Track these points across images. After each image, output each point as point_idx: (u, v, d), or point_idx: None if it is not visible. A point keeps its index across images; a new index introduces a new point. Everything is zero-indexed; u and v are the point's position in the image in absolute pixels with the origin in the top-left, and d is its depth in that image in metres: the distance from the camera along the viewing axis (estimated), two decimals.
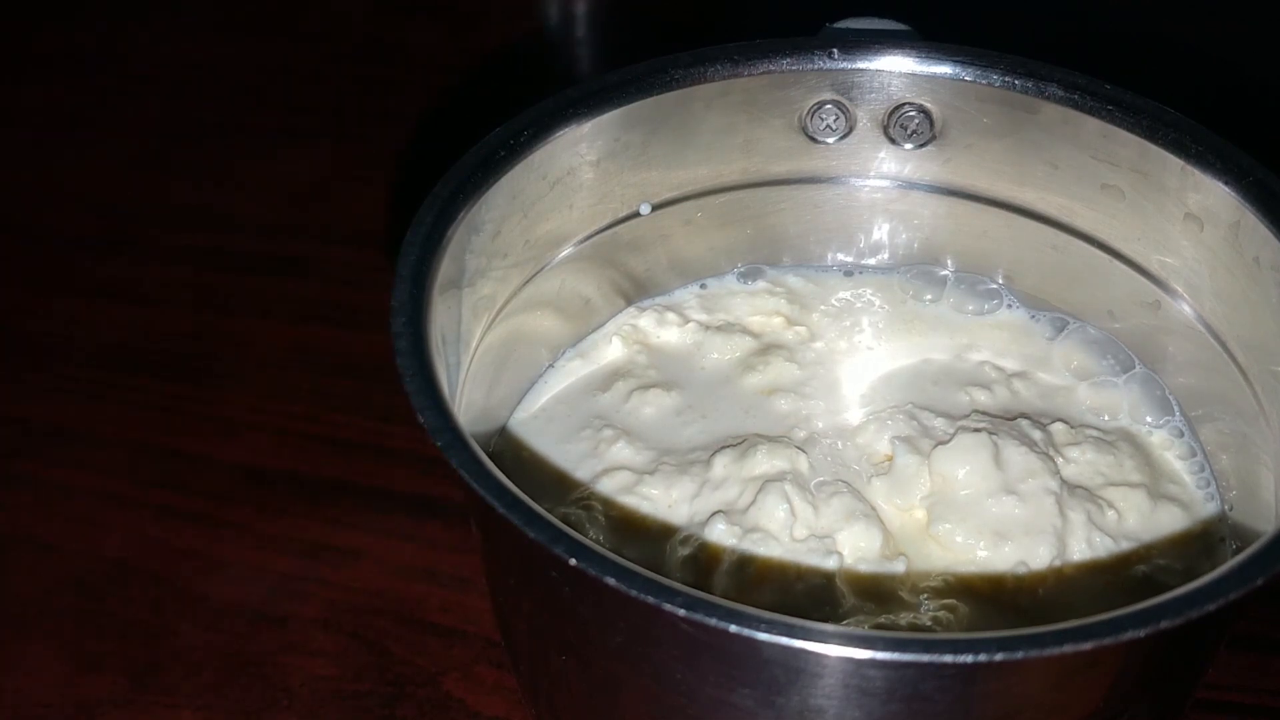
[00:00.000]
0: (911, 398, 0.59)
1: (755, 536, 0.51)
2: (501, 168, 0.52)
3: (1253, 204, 0.51)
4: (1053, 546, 0.51)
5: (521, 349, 0.58)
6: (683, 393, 0.59)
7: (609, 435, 0.56)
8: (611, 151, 0.56)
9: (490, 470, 0.41)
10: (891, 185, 0.61)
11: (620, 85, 0.55)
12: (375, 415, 0.73)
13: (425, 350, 0.45)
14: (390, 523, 0.67)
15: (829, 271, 0.64)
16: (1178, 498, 0.55)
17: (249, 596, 0.64)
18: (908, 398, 0.59)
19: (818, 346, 0.61)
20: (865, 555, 0.51)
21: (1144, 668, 0.42)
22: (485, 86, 0.98)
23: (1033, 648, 0.37)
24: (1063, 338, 0.61)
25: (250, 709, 0.59)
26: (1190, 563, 0.52)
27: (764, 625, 0.36)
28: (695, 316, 0.62)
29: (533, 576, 0.44)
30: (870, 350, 0.61)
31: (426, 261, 0.48)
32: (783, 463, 0.53)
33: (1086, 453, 0.55)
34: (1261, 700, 0.59)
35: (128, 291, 0.81)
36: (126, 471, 0.70)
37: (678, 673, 0.41)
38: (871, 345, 0.62)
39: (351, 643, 0.62)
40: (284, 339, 0.78)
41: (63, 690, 0.60)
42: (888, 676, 0.38)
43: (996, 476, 0.53)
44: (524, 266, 0.56)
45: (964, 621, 0.49)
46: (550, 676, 0.49)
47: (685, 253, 0.63)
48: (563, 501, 0.54)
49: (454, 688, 0.60)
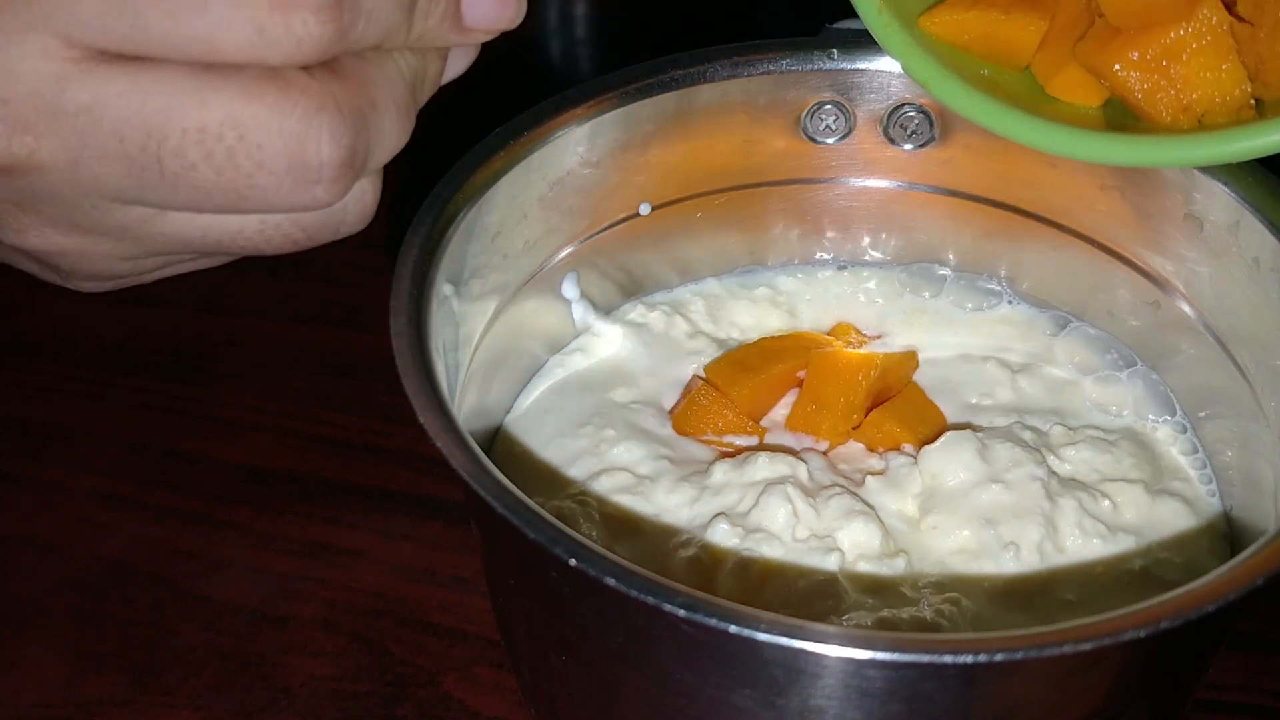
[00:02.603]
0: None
1: (757, 537, 0.51)
2: (501, 168, 0.52)
3: (1253, 204, 0.51)
4: (1041, 528, 0.51)
5: (520, 348, 0.58)
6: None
7: (603, 437, 0.56)
8: (611, 151, 0.56)
9: (490, 471, 0.41)
10: (891, 185, 0.62)
11: (620, 85, 0.55)
12: (375, 415, 0.73)
13: (425, 350, 0.45)
14: (390, 523, 0.67)
15: (828, 270, 0.64)
16: (1181, 494, 0.55)
17: (249, 596, 0.64)
18: None
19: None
20: (865, 552, 0.51)
21: (1144, 668, 0.42)
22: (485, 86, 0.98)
23: (1033, 648, 0.37)
24: (1065, 334, 0.61)
25: (250, 709, 0.59)
26: (1191, 559, 0.52)
27: (764, 625, 0.36)
28: (694, 317, 0.62)
29: (533, 576, 0.44)
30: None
31: (426, 261, 0.48)
32: (784, 468, 0.53)
33: (1083, 451, 0.55)
34: (1261, 700, 0.59)
35: (128, 291, 0.81)
36: (126, 471, 0.70)
37: (678, 673, 0.41)
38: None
39: (351, 643, 0.62)
40: (284, 339, 0.78)
41: (63, 690, 0.60)
42: (888, 677, 0.38)
43: (982, 469, 0.53)
44: (524, 266, 0.56)
45: (966, 615, 0.49)
46: (550, 676, 0.49)
47: (685, 253, 0.63)
48: (556, 500, 0.54)
49: (454, 688, 0.60)
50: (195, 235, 0.40)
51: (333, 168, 0.37)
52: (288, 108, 0.36)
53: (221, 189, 0.37)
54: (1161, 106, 0.46)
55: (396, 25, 0.38)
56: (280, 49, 0.36)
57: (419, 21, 0.39)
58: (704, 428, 0.57)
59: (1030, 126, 0.48)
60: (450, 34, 0.41)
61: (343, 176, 0.38)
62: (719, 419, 0.57)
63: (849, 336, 0.61)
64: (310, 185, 0.37)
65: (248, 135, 0.36)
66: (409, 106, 0.41)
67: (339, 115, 0.37)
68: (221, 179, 0.37)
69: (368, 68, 0.39)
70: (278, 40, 0.35)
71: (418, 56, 0.41)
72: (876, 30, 0.51)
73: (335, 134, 0.37)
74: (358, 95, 0.38)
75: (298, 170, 0.37)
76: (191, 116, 0.36)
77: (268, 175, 0.37)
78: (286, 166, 0.37)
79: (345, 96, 0.37)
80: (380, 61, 0.39)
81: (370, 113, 0.38)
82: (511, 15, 0.43)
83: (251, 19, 0.35)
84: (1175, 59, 0.46)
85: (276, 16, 0.35)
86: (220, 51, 0.36)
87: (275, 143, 0.37)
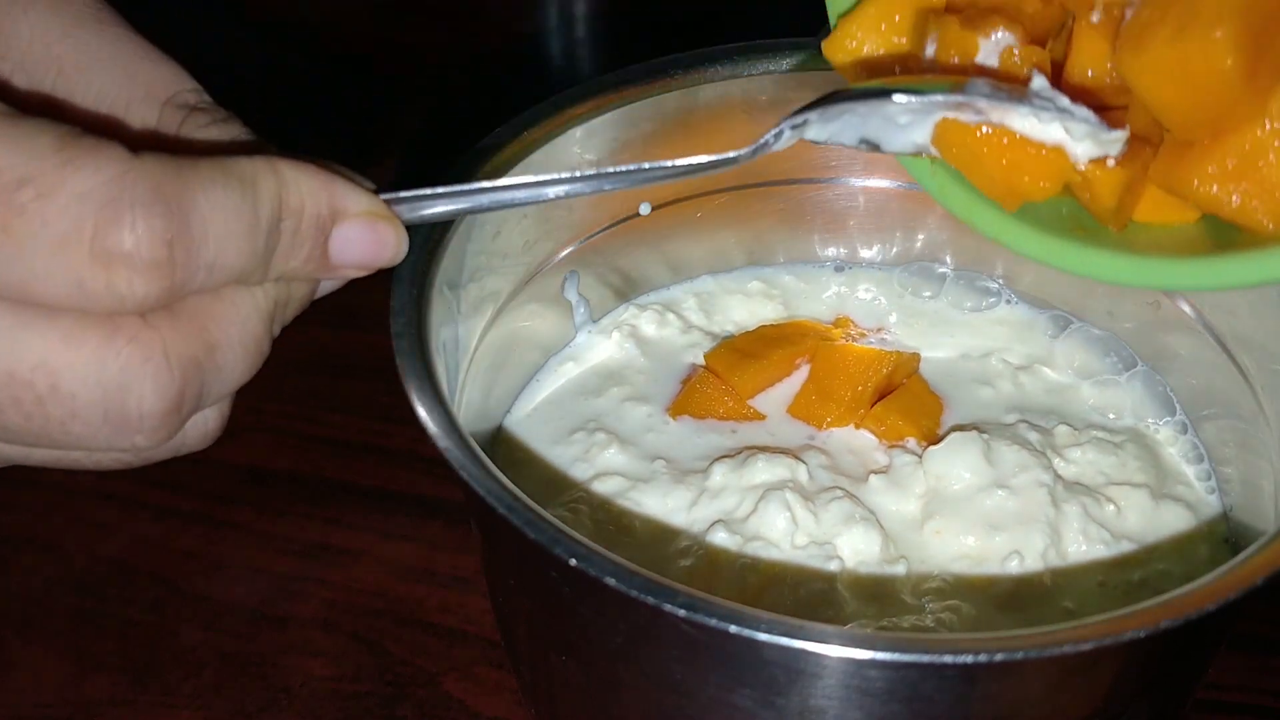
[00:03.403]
0: None
1: (756, 545, 0.51)
2: (501, 168, 0.52)
3: None
4: (1045, 536, 0.51)
5: (519, 348, 0.58)
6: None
7: (601, 439, 0.56)
8: (611, 151, 0.56)
9: (491, 471, 0.41)
10: (891, 185, 0.62)
11: (620, 85, 0.55)
12: (375, 415, 0.73)
13: (425, 350, 0.45)
14: (390, 523, 0.67)
15: (826, 270, 0.64)
16: (1183, 498, 0.55)
17: (249, 596, 0.64)
18: None
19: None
20: (865, 559, 0.51)
21: (1144, 668, 0.42)
22: (485, 86, 0.98)
23: (1033, 648, 0.37)
24: (1065, 335, 0.61)
25: (250, 709, 0.59)
26: (1191, 563, 0.52)
27: (764, 625, 0.36)
28: (693, 317, 0.62)
29: (533, 577, 0.44)
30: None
31: (426, 262, 0.48)
32: (783, 471, 0.53)
33: (1088, 453, 0.55)
34: (1262, 700, 0.59)
35: None
36: (126, 471, 0.70)
37: (678, 673, 0.41)
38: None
39: (351, 643, 0.62)
40: (284, 339, 0.78)
41: (63, 690, 0.60)
42: (888, 677, 0.38)
43: (988, 472, 0.53)
44: (523, 267, 0.56)
45: (967, 623, 0.49)
46: (550, 676, 0.49)
47: (685, 252, 0.63)
48: (555, 502, 0.54)
49: (454, 688, 0.60)
50: (20, 458, 0.37)
51: (154, 418, 0.35)
52: (109, 357, 0.34)
53: (32, 433, 0.35)
54: (1259, 216, 0.40)
55: (249, 270, 0.36)
56: (101, 303, 0.33)
57: (278, 264, 0.37)
58: (705, 414, 0.57)
59: (1123, 265, 0.42)
60: (317, 273, 0.38)
61: (165, 425, 0.35)
62: (720, 405, 0.57)
63: (848, 329, 0.61)
64: (129, 434, 0.35)
65: (61, 385, 0.34)
66: (261, 339, 0.38)
67: (165, 366, 0.35)
68: (30, 425, 0.34)
69: (215, 305, 0.36)
70: (98, 295, 0.33)
71: (281, 286, 0.38)
72: (935, 193, 0.46)
73: (159, 385, 0.35)
74: (193, 341, 0.35)
75: (115, 421, 0.35)
76: (1, 359, 0.33)
77: (81, 425, 0.34)
78: (102, 417, 0.34)
79: (178, 344, 0.35)
80: (233, 298, 0.36)
81: (207, 357, 0.36)
82: (390, 256, 0.40)
83: (70, 271, 0.33)
84: (1260, 162, 0.39)
85: (98, 271, 0.33)
86: (38, 299, 0.33)
87: (92, 393, 0.34)
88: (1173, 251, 0.42)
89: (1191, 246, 0.42)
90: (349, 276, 0.40)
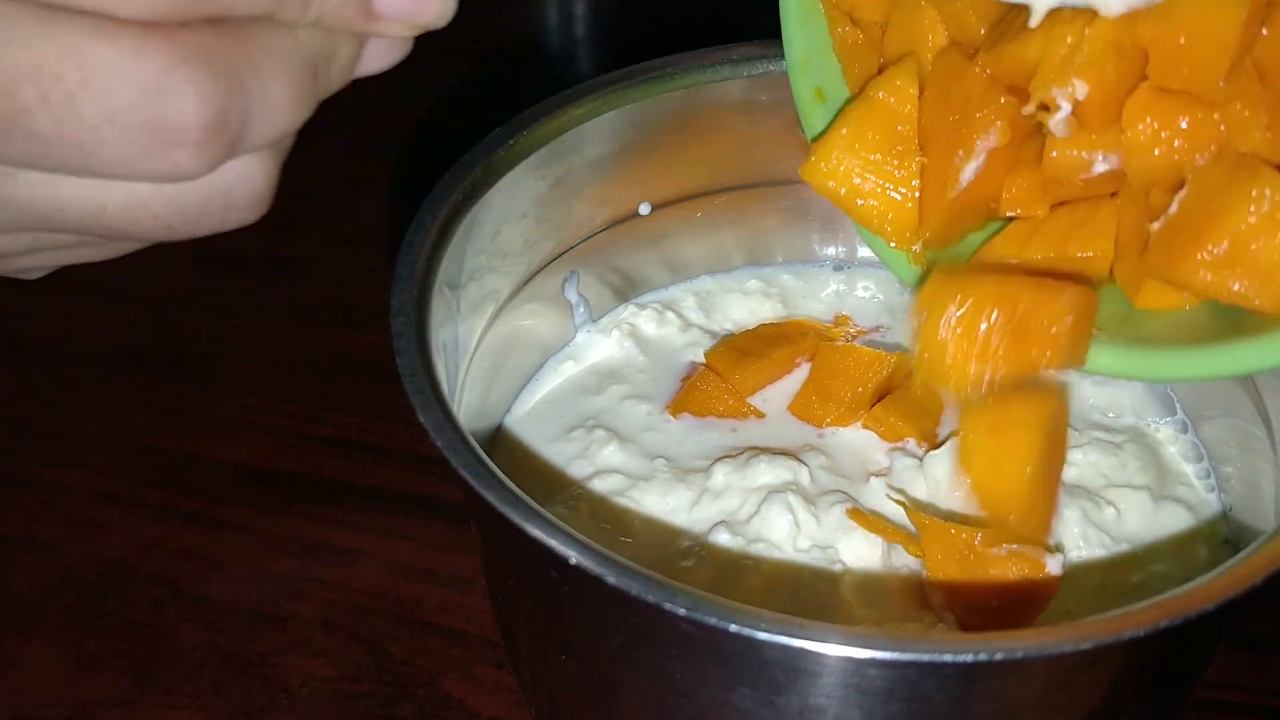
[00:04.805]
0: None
1: (759, 546, 0.51)
2: (501, 168, 0.52)
3: None
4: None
5: (519, 348, 0.58)
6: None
7: (600, 436, 0.56)
8: (611, 151, 0.56)
9: (491, 470, 0.41)
10: None
11: (620, 85, 0.55)
12: (375, 415, 0.73)
13: (425, 350, 0.45)
14: (390, 523, 0.67)
15: (825, 269, 0.65)
16: (1183, 498, 0.55)
17: (249, 596, 0.64)
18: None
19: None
20: (867, 563, 0.51)
21: (1144, 668, 0.42)
22: (485, 86, 0.98)
23: (1033, 648, 0.37)
24: None
25: (250, 709, 0.59)
26: (1191, 563, 0.52)
27: (764, 624, 0.36)
28: (692, 316, 0.62)
29: (533, 576, 0.44)
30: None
31: (426, 261, 0.48)
32: (785, 473, 0.53)
33: (1089, 454, 0.55)
34: (1262, 700, 0.59)
35: (128, 291, 0.81)
36: (126, 471, 0.70)
37: (678, 673, 0.41)
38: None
39: (351, 643, 0.61)
40: (284, 339, 0.78)
41: (63, 690, 0.60)
42: (888, 676, 0.38)
43: None
44: (523, 266, 0.56)
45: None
46: (550, 676, 0.49)
47: (684, 252, 0.63)
48: (553, 499, 0.54)
49: (454, 688, 0.60)
50: (52, 209, 0.34)
51: (197, 129, 0.31)
52: (146, 52, 0.30)
53: (63, 141, 0.31)
54: (1257, 298, 0.39)
55: None
56: (130, 4, 0.30)
57: (316, 1, 0.34)
58: (705, 412, 0.57)
59: (1123, 357, 0.42)
60: (356, 20, 0.35)
61: (210, 142, 0.32)
62: (720, 403, 0.57)
63: (848, 327, 0.61)
64: (170, 148, 0.32)
65: (93, 79, 0.30)
66: (305, 82, 0.34)
67: (209, 69, 0.31)
68: (61, 129, 0.31)
69: (257, 30, 0.33)
70: None
71: (324, 36, 0.35)
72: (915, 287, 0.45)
73: (202, 90, 0.31)
74: (237, 53, 0.32)
75: (154, 128, 0.31)
76: (26, 50, 0.30)
77: (117, 130, 0.31)
78: (141, 122, 0.31)
79: (221, 50, 0.32)
80: (274, 31, 0.33)
81: (251, 75, 0.32)
82: (434, 14, 0.36)
83: None
84: (1251, 246, 0.38)
85: None
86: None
87: (127, 91, 0.31)
88: (1175, 339, 0.42)
89: (1196, 332, 0.42)
90: (392, 34, 0.37)
